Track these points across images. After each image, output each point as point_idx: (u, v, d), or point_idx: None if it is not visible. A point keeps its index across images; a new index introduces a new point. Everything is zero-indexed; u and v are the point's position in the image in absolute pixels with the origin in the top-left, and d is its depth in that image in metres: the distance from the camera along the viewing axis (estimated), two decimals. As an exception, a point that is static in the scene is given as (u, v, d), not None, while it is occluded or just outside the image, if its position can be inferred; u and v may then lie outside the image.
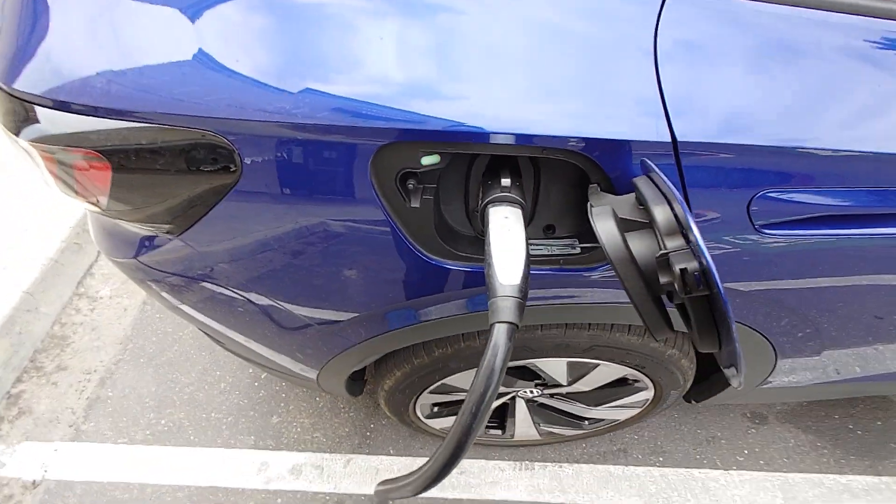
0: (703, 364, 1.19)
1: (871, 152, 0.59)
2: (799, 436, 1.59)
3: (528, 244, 0.52)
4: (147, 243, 0.81)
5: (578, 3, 0.59)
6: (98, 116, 0.61)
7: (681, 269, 0.34)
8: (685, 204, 0.36)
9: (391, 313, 0.82)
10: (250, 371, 1.80)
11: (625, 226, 0.46)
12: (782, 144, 0.57)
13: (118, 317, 1.98)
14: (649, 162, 0.51)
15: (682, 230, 0.37)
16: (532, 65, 0.57)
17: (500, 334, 0.45)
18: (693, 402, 1.37)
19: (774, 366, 1.03)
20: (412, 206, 0.64)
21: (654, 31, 0.56)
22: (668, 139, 0.55)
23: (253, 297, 0.81)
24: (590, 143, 0.57)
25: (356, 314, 0.82)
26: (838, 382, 1.15)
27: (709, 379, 1.24)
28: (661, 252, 0.37)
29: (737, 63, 0.57)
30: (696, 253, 0.35)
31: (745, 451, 1.56)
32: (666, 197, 0.40)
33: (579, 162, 0.59)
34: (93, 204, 0.73)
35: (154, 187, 0.65)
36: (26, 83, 0.64)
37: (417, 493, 0.49)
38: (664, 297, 0.48)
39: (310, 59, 0.57)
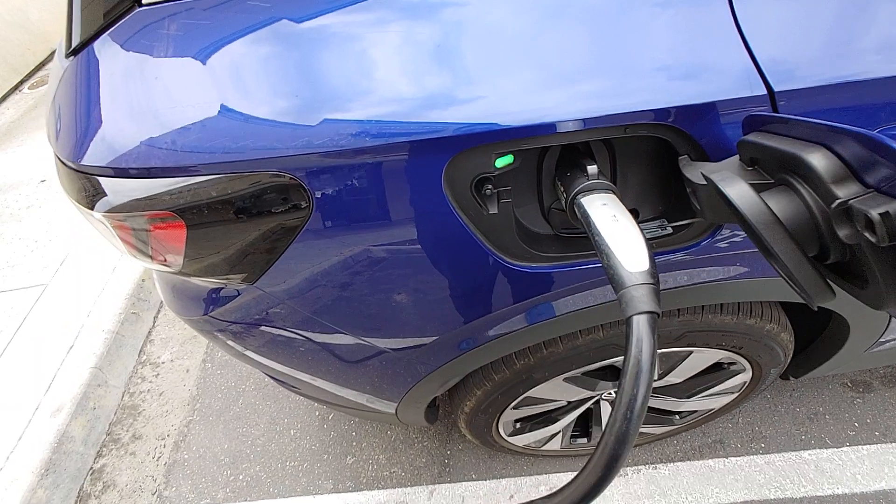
0: (798, 335, 1.10)
1: None
2: (914, 399, 1.45)
3: (641, 227, 0.48)
4: (220, 297, 0.81)
5: None
6: (167, 177, 0.61)
7: (880, 214, 0.29)
8: (877, 135, 0.31)
9: (470, 330, 0.78)
10: (317, 413, 1.78)
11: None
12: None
13: (182, 379, 2.01)
14: (763, 114, 0.47)
15: (858, 172, 0.32)
16: (597, 44, 0.54)
17: (641, 326, 0.41)
18: (791, 378, 1.27)
19: (888, 322, 0.94)
20: (490, 212, 0.61)
21: None
22: (764, 91, 0.51)
23: (332, 336, 0.79)
24: (675, 111, 0.53)
25: (437, 336, 0.79)
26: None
27: (807, 350, 1.15)
28: (839, 201, 0.33)
29: None
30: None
31: (856, 424, 1.43)
32: (817, 141, 0.35)
33: (665, 135, 0.56)
34: (166, 265, 0.73)
35: (228, 238, 0.65)
36: (93, 158, 0.65)
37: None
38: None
39: (371, 83, 0.56)
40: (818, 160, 0.34)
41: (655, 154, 0.65)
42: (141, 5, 0.63)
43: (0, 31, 4.15)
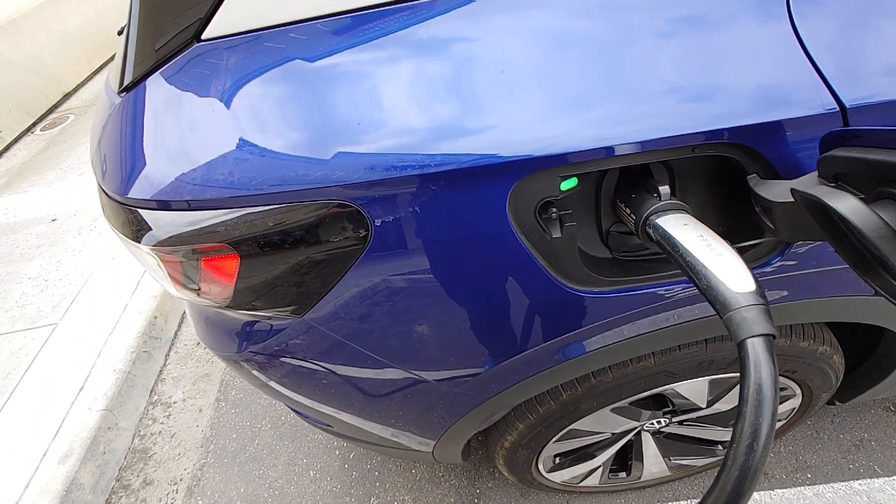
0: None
1: None
2: (961, 422, 1.40)
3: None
4: (260, 331, 0.78)
5: None
6: (221, 208, 0.60)
7: None
8: None
9: (526, 359, 0.75)
10: (337, 453, 1.71)
11: None
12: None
13: (195, 419, 1.94)
14: (853, 129, 0.46)
15: None
16: (670, 66, 0.54)
17: (758, 349, 0.38)
18: (836, 403, 1.23)
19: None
20: (553, 236, 0.60)
21: None
22: (836, 108, 0.51)
23: (381, 371, 0.76)
24: (743, 130, 0.53)
25: (489, 366, 0.76)
26: None
27: (855, 373, 1.11)
28: None
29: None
30: None
31: (905, 451, 1.38)
32: None
33: (734, 154, 0.55)
34: (211, 298, 0.71)
35: (283, 268, 0.63)
36: (142, 192, 0.64)
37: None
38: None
39: (434, 110, 0.56)
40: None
41: (715, 174, 0.64)
42: (200, 41, 0.64)
43: (15, 75, 4.26)
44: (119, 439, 1.85)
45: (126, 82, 0.69)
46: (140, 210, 0.66)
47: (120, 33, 0.81)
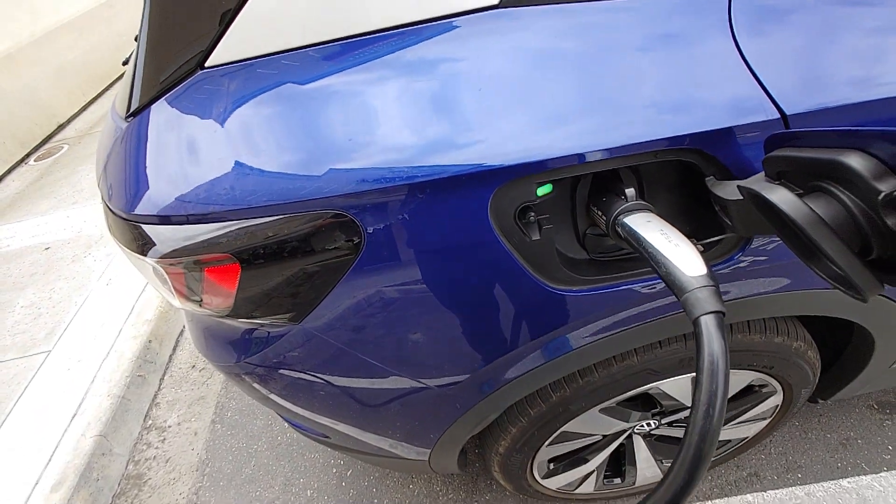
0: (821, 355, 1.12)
1: None
2: (941, 417, 1.44)
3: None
4: (258, 340, 0.81)
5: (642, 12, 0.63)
6: (225, 220, 0.65)
7: None
8: None
9: (513, 358, 0.79)
10: (334, 471, 1.71)
11: None
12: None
13: (190, 443, 1.93)
14: (789, 131, 0.52)
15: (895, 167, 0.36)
16: (627, 84, 0.60)
17: (710, 325, 0.43)
18: (819, 401, 1.27)
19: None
20: (533, 239, 0.65)
21: (727, 10, 0.59)
22: (777, 116, 0.57)
23: (372, 381, 0.80)
24: (698, 137, 0.58)
25: (478, 368, 0.79)
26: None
27: (832, 368, 1.15)
28: (885, 194, 0.37)
29: (816, 13, 0.59)
30: None
31: (890, 448, 1.41)
32: (851, 146, 0.40)
33: (691, 158, 0.61)
34: (214, 308, 0.74)
35: (281, 276, 0.67)
36: (146, 208, 0.69)
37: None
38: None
39: (423, 124, 0.61)
40: (857, 161, 0.38)
41: (678, 178, 0.70)
42: (204, 68, 0.69)
43: (10, 107, 4.33)
44: (113, 465, 1.83)
45: (133, 108, 0.74)
46: (144, 226, 0.70)
47: (125, 63, 0.87)
